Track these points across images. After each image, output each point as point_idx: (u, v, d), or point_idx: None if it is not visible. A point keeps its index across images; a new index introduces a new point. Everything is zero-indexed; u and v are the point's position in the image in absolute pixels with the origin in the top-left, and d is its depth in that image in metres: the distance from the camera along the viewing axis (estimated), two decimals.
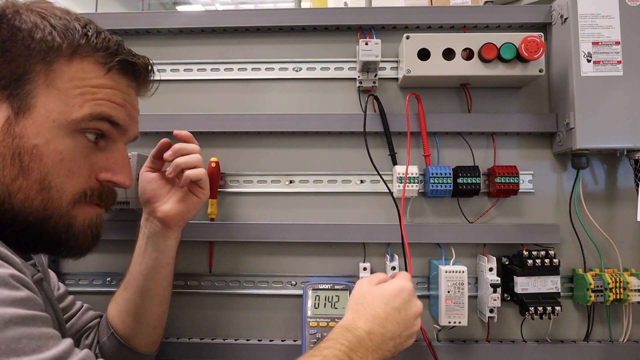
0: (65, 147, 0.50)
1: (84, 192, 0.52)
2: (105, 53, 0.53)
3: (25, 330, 0.39)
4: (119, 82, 0.55)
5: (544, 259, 0.78)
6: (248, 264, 0.87)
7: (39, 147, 0.48)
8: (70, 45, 0.51)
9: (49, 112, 0.49)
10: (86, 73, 0.51)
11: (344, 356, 0.53)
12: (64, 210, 0.50)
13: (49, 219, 0.50)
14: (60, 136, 0.49)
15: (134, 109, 0.59)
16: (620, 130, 0.75)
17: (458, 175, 0.80)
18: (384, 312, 0.59)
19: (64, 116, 0.49)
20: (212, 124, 0.86)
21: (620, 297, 0.77)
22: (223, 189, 0.88)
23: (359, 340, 0.56)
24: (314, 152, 0.88)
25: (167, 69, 0.90)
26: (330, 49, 0.89)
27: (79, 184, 0.51)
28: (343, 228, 0.83)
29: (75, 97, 0.50)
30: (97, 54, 0.53)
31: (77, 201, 0.52)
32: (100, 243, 0.57)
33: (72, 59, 0.51)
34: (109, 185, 0.56)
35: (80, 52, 0.51)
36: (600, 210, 0.83)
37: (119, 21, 0.88)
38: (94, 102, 0.51)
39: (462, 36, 0.79)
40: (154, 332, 0.72)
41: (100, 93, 0.52)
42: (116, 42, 0.55)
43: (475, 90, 0.86)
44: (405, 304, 0.61)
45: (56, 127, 0.49)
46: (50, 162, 0.49)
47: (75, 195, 0.51)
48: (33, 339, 0.39)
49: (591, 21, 0.77)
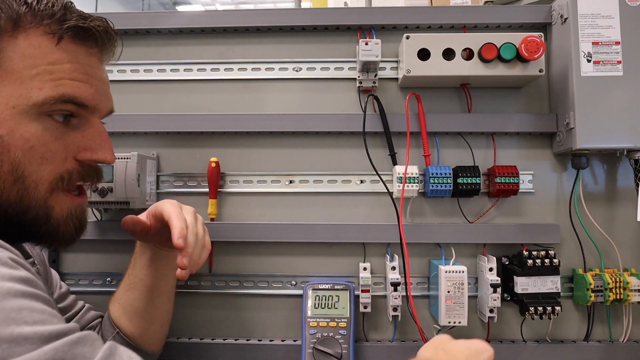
0: (32, 134, 0.46)
1: (60, 177, 0.49)
2: (52, 20, 0.47)
3: (27, 303, 0.36)
4: (76, 53, 0.49)
5: (544, 259, 0.78)
6: (248, 264, 0.87)
7: (4, 138, 0.45)
8: (10, 19, 0.45)
9: (7, 98, 0.45)
10: (36, 49, 0.46)
11: None
12: (41, 200, 0.48)
13: (27, 211, 0.47)
14: (25, 122, 0.46)
15: (101, 81, 0.53)
16: (620, 130, 0.75)
17: (458, 175, 0.80)
18: None
19: (23, 101, 0.45)
20: (212, 124, 0.86)
21: (620, 297, 0.77)
22: (223, 189, 0.88)
23: None
24: (314, 152, 0.88)
25: (167, 69, 0.90)
26: (330, 49, 0.89)
27: (54, 169, 0.48)
28: (343, 228, 0.83)
29: (32, 78, 0.46)
30: (42, 23, 0.47)
31: (55, 188, 0.49)
32: (85, 231, 0.55)
33: (16, 34, 0.46)
34: (90, 163, 0.52)
35: (23, 24, 0.46)
36: (600, 210, 0.83)
37: (119, 21, 0.88)
38: (53, 82, 0.47)
39: (462, 36, 0.79)
40: (161, 330, 0.73)
41: (58, 71, 0.47)
42: (62, 5, 0.49)
43: (475, 90, 0.86)
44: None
45: (18, 114, 0.45)
46: (20, 152, 0.45)
47: (53, 182, 0.48)
48: (35, 312, 0.36)
49: (591, 21, 0.77)
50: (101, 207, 0.82)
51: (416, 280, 0.84)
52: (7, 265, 0.39)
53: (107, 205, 0.80)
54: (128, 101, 0.90)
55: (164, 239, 0.67)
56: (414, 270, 0.84)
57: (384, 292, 0.84)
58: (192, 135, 0.89)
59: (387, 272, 0.82)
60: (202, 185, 0.88)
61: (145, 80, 0.90)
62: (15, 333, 0.33)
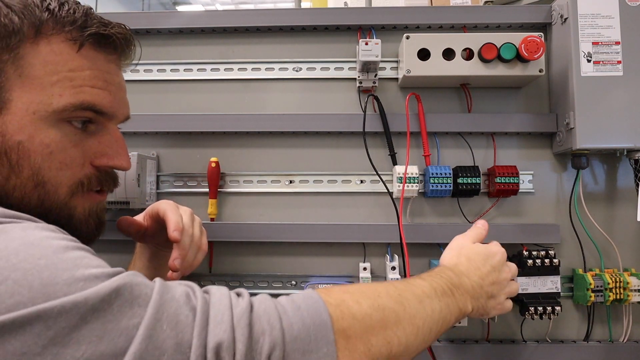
0: (52, 139, 0.47)
1: (80, 182, 0.50)
2: (73, 27, 0.47)
3: (85, 254, 0.39)
4: (96, 60, 0.50)
5: (544, 259, 0.78)
6: (248, 264, 0.87)
7: (24, 143, 0.46)
8: (32, 25, 0.46)
9: (28, 104, 0.45)
10: (57, 55, 0.47)
11: (446, 288, 0.53)
12: (62, 202, 0.49)
13: (49, 213, 0.48)
14: (44, 128, 0.46)
15: (119, 88, 0.54)
16: (620, 130, 0.75)
17: (458, 175, 0.80)
18: (484, 268, 0.59)
19: (44, 107, 0.46)
20: (212, 124, 0.86)
21: (620, 297, 0.77)
22: (223, 189, 0.88)
23: (460, 282, 0.56)
24: (314, 152, 0.88)
25: (167, 69, 0.90)
26: (330, 49, 0.89)
27: (74, 175, 0.49)
28: (343, 228, 0.83)
29: (53, 85, 0.46)
30: (64, 29, 0.47)
31: (74, 192, 0.49)
32: (105, 228, 0.56)
33: (38, 41, 0.46)
34: (106, 169, 0.53)
35: (45, 30, 0.46)
36: (600, 210, 0.83)
37: (118, 21, 0.88)
38: (73, 89, 0.47)
39: (462, 36, 0.79)
40: None
41: (78, 78, 0.48)
42: (83, 12, 0.49)
43: (475, 90, 0.86)
44: (501, 265, 0.61)
45: (38, 120, 0.46)
46: (40, 157, 0.46)
47: (72, 186, 0.49)
48: (94, 259, 0.40)
49: (591, 21, 0.77)
50: None
51: None
52: (58, 231, 0.42)
53: (107, 205, 0.80)
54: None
55: (162, 240, 0.68)
56: (414, 270, 0.83)
57: None
58: (192, 135, 0.89)
59: (387, 272, 0.82)
60: (202, 185, 0.88)
61: (145, 80, 0.90)
62: (86, 273, 0.36)
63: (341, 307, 0.43)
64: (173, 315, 0.37)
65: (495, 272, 0.60)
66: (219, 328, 0.38)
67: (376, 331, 0.44)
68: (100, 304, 0.35)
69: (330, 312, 0.42)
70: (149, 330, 0.35)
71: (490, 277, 0.59)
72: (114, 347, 0.34)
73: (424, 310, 0.49)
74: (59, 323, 0.33)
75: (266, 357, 0.38)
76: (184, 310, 0.38)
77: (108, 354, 0.34)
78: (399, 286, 0.50)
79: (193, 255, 0.64)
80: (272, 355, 0.38)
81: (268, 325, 0.39)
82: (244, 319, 0.39)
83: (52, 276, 0.35)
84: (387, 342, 0.45)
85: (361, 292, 0.47)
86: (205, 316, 0.38)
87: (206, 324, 0.38)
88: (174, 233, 0.60)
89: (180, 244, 0.61)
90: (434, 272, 0.56)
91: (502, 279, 0.61)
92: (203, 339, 0.37)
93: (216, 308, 0.39)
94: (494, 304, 0.60)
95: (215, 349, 0.36)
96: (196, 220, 0.67)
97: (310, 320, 0.41)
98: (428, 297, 0.50)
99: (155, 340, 0.35)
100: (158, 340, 0.35)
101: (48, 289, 0.34)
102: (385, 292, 0.48)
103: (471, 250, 0.62)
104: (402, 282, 0.52)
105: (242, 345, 0.37)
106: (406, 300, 0.48)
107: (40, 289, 0.34)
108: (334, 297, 0.44)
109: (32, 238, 0.38)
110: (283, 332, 0.39)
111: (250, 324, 0.39)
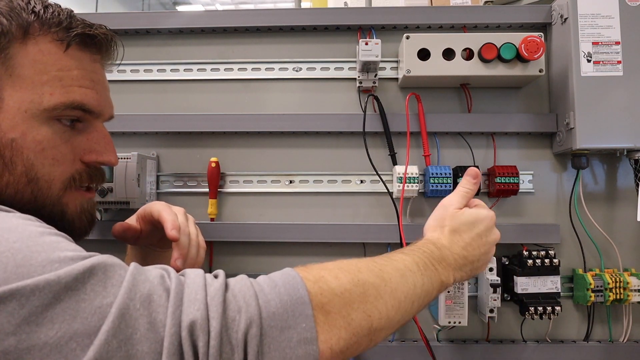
0: (44, 136, 0.48)
1: (72, 177, 0.51)
2: (59, 28, 0.49)
3: (61, 239, 0.40)
4: (82, 60, 0.52)
5: (544, 259, 0.78)
6: (248, 264, 0.87)
7: (17, 141, 0.47)
8: (20, 26, 0.48)
9: (19, 103, 0.47)
10: (45, 55, 0.49)
11: (428, 262, 0.53)
12: (55, 199, 0.50)
13: (42, 209, 0.49)
14: (36, 126, 0.48)
15: (104, 87, 0.56)
16: (620, 130, 0.75)
17: (458, 175, 0.80)
18: (468, 237, 0.59)
19: (35, 105, 0.48)
20: (212, 124, 0.86)
21: (620, 297, 0.77)
22: (223, 189, 0.88)
23: (442, 256, 0.56)
24: (314, 152, 0.88)
25: (167, 69, 0.90)
26: (330, 49, 0.89)
27: (65, 170, 0.51)
28: (343, 228, 0.83)
29: (43, 84, 0.48)
30: (50, 30, 0.49)
31: (67, 187, 0.51)
32: (96, 224, 0.57)
33: (26, 41, 0.48)
34: (95, 165, 0.55)
35: (32, 31, 0.48)
36: (600, 210, 0.83)
37: (119, 21, 0.88)
38: (63, 89, 0.49)
39: (462, 36, 0.79)
40: None
41: (67, 78, 0.50)
42: (67, 14, 0.51)
43: (475, 90, 0.86)
44: (487, 231, 0.61)
45: (30, 118, 0.47)
46: (32, 154, 0.48)
47: (65, 182, 0.51)
48: (71, 244, 0.40)
49: (591, 21, 0.77)
50: (101, 207, 0.82)
51: None
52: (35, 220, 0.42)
53: (107, 206, 0.81)
54: (128, 101, 0.90)
55: (155, 240, 0.69)
56: None
57: None
58: (192, 135, 0.89)
59: None
60: (202, 185, 0.88)
61: (145, 80, 0.90)
62: (61, 255, 0.37)
63: (319, 282, 0.43)
64: (146, 295, 0.37)
65: (481, 238, 0.60)
66: (193, 307, 0.37)
67: (356, 305, 0.44)
68: (74, 282, 0.35)
69: (309, 288, 0.42)
70: (121, 309, 0.35)
71: (474, 244, 0.59)
72: (88, 326, 0.34)
73: (405, 284, 0.49)
74: (32, 302, 0.34)
75: (243, 334, 0.37)
76: (158, 290, 0.38)
77: (82, 333, 0.34)
78: (379, 261, 0.50)
79: (195, 252, 0.64)
80: (249, 332, 0.38)
81: (244, 302, 0.39)
82: (217, 296, 0.39)
83: (27, 258, 0.35)
84: (367, 315, 0.45)
85: (340, 267, 0.47)
86: (179, 296, 0.38)
87: (180, 304, 0.38)
88: (172, 232, 0.60)
89: (180, 243, 0.62)
90: (415, 247, 0.56)
91: (489, 242, 0.61)
92: (177, 318, 0.37)
93: (190, 288, 0.39)
94: (479, 265, 0.60)
95: (189, 328, 0.36)
96: (190, 218, 0.68)
97: (288, 297, 0.41)
98: (410, 271, 0.51)
99: (128, 319, 0.35)
100: (131, 318, 0.35)
101: (22, 269, 0.35)
102: (365, 267, 0.48)
103: (456, 220, 0.60)
104: (384, 257, 0.52)
105: (216, 323, 0.37)
106: (387, 274, 0.48)
107: (14, 269, 0.34)
108: (312, 273, 0.44)
109: (8, 224, 0.39)
110: (260, 309, 0.39)
111: (225, 301, 0.39)
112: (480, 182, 0.64)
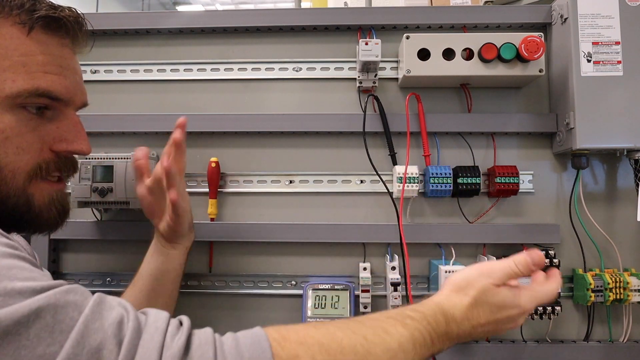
0: (7, 124, 0.46)
1: (38, 166, 0.49)
2: (21, 11, 0.47)
3: (16, 263, 0.37)
4: (48, 45, 0.49)
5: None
6: (248, 264, 0.87)
7: None
8: None
9: None
10: (7, 39, 0.46)
11: (428, 338, 0.47)
12: (19, 189, 0.48)
13: (7, 200, 0.47)
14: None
15: (75, 73, 0.53)
16: (620, 130, 0.75)
17: (458, 175, 0.80)
18: (485, 319, 0.52)
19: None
20: (212, 124, 0.86)
21: (620, 297, 0.77)
22: (223, 189, 0.88)
23: (447, 331, 0.50)
24: (314, 152, 0.88)
25: (167, 69, 0.90)
26: (330, 49, 0.89)
27: (31, 159, 0.48)
28: (343, 228, 0.83)
29: (5, 70, 0.46)
30: (11, 13, 0.47)
31: (33, 177, 0.49)
32: (69, 216, 0.55)
33: None
34: (66, 154, 0.53)
35: None
36: (600, 210, 0.83)
37: (119, 21, 0.88)
38: (27, 74, 0.47)
39: (462, 36, 0.79)
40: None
41: (31, 63, 0.47)
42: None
43: (475, 90, 0.86)
44: (508, 321, 0.54)
45: None
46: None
47: (30, 172, 0.48)
48: (24, 270, 0.37)
49: (591, 21, 0.77)
50: (101, 207, 0.82)
51: (416, 280, 0.84)
52: None
53: (107, 206, 0.80)
54: (128, 101, 0.90)
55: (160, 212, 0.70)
56: (414, 270, 0.84)
57: (384, 292, 0.84)
58: (192, 135, 0.88)
59: (387, 272, 0.82)
60: (202, 185, 0.88)
61: (145, 80, 0.90)
62: (8, 287, 0.34)
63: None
64: (96, 348, 0.34)
65: (497, 324, 0.53)
66: None
67: None
68: (15, 327, 0.32)
69: None
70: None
71: (487, 327, 0.53)
72: None
73: None
74: None
75: None
76: (109, 345, 0.35)
77: None
78: (370, 338, 0.44)
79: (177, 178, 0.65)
80: None
81: None
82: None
83: None
84: None
85: (321, 344, 0.41)
86: (131, 354, 0.35)
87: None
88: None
89: None
90: (422, 313, 0.49)
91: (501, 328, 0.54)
92: None
93: (144, 348, 0.36)
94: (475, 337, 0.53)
95: None
96: None
97: None
98: (403, 352, 0.45)
99: None
100: None
101: None
102: (350, 347, 0.42)
103: (485, 296, 0.52)
104: (379, 330, 0.45)
105: None
106: (374, 357, 0.43)
107: None
108: (286, 350, 0.40)
109: None
110: None
111: None
112: (539, 269, 0.56)
